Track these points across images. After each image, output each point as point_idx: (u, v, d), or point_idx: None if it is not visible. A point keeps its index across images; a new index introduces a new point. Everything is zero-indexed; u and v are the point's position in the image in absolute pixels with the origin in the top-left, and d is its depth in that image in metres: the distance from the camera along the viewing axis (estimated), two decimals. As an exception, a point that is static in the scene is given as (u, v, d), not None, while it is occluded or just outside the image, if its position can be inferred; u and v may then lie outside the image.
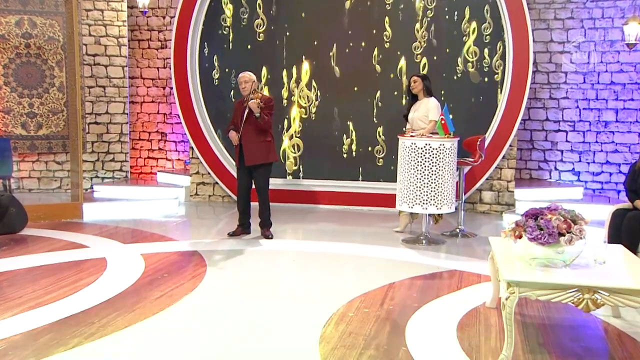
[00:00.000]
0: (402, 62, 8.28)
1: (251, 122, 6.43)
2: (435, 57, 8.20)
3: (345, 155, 8.53)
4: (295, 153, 8.69)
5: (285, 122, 8.61)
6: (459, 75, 8.12)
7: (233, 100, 8.65)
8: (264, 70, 8.62)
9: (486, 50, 8.06)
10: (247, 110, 6.43)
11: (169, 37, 9.23)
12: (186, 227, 7.47)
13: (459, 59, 8.12)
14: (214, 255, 5.90)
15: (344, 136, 8.52)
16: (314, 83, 8.58)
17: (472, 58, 8.08)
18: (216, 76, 8.78)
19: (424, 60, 8.22)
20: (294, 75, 8.60)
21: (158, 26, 9.61)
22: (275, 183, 7.86)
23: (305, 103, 8.62)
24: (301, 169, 8.69)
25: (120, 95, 9.45)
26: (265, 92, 8.41)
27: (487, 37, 8.04)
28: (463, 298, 4.69)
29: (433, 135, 6.34)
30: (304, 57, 8.57)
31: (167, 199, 8.47)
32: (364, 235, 6.97)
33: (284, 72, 8.62)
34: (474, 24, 8.06)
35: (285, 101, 8.63)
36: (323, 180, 8.60)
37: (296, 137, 8.67)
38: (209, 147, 8.78)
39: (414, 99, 6.79)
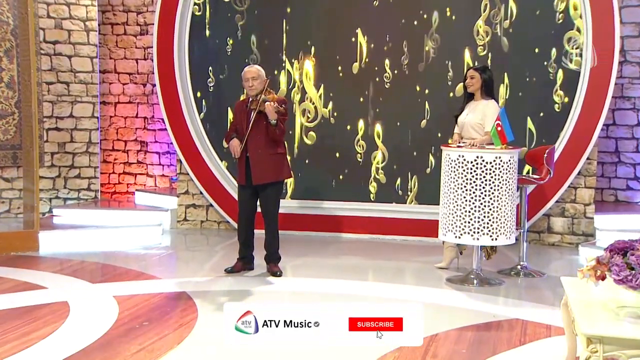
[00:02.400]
0: (465, 54, 8.22)
1: (260, 130, 6.42)
2: (506, 48, 8.11)
3: (373, 176, 8.52)
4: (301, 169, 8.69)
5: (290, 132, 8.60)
6: (550, 75, 8.01)
7: (204, 111, 8.74)
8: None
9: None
10: (254, 115, 6.41)
11: (151, 20, 9.32)
12: (172, 262, 7.50)
13: (552, 50, 8.00)
14: (208, 298, 5.90)
15: (372, 153, 8.51)
16: (323, 85, 8.57)
17: (571, 47, 7.96)
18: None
19: (488, 50, 8.14)
20: (297, 74, 8.62)
21: (137, 6, 9.71)
22: (284, 205, 7.84)
23: (312, 112, 8.61)
24: (312, 189, 8.72)
25: (88, 93, 9.54)
26: None
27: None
28: (528, 356, 4.65)
29: (487, 146, 6.30)
30: (313, 48, 8.61)
31: (148, 225, 8.52)
32: (398, 273, 6.96)
33: (284, 69, 8.65)
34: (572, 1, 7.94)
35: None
36: (345, 203, 8.59)
37: (305, 148, 8.68)
38: (201, 159, 8.81)
39: (470, 96, 6.78)
